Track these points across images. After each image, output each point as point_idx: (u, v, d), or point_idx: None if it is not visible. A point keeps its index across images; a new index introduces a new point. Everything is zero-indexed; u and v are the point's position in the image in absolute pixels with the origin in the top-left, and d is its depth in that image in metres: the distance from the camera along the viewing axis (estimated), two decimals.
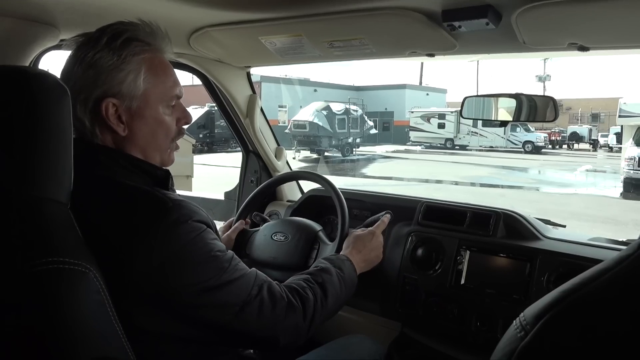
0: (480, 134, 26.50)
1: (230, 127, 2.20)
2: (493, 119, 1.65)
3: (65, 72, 0.99)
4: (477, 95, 1.71)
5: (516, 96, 1.58)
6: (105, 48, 0.96)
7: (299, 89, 29.62)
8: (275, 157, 2.23)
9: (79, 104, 0.95)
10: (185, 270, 0.91)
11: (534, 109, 1.56)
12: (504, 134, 25.57)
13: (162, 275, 0.88)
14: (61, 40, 1.43)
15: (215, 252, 0.96)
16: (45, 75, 0.81)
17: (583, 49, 1.29)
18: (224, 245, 1.00)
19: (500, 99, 1.62)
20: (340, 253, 1.41)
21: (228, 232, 1.64)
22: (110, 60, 0.96)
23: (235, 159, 2.42)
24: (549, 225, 1.69)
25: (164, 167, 1.08)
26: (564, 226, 1.77)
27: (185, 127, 1.13)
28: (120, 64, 0.96)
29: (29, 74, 0.80)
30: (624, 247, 0.60)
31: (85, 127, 0.97)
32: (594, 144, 28.89)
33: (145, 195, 0.94)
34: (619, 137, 20.23)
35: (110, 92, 0.96)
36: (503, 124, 1.65)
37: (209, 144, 22.07)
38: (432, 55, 1.52)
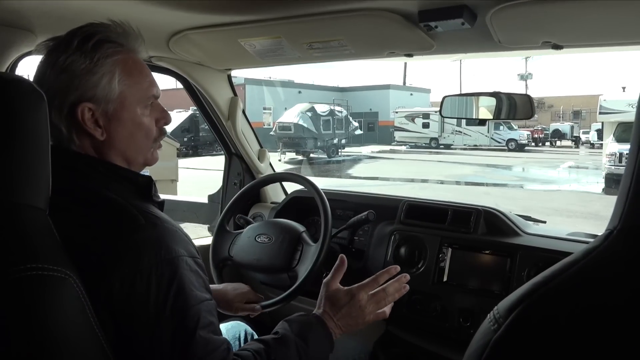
0: (464, 133, 26.62)
1: (212, 130, 2.19)
2: (474, 117, 1.66)
3: (38, 77, 0.96)
4: (457, 95, 1.72)
5: (495, 94, 1.59)
6: (77, 51, 0.93)
7: (283, 90, 29.53)
8: (258, 159, 2.23)
9: (54, 110, 0.91)
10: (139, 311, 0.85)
11: (513, 106, 1.58)
12: (488, 132, 25.72)
13: (124, 294, 0.84)
14: (38, 46, 1.42)
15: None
16: (21, 80, 0.80)
17: (557, 47, 1.32)
18: (200, 296, 0.89)
19: (480, 98, 1.64)
20: (315, 311, 1.17)
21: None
22: (82, 63, 0.93)
23: (220, 162, 2.41)
24: (529, 222, 1.71)
25: (148, 166, 1.06)
26: (544, 222, 1.80)
27: (166, 127, 1.10)
28: (93, 67, 0.93)
29: (4, 79, 0.80)
30: None
31: (62, 133, 0.95)
32: (576, 141, 29.17)
33: (118, 209, 0.91)
34: (600, 133, 20.43)
35: (85, 97, 0.93)
36: (482, 122, 1.67)
37: (193, 148, 21.89)
38: (410, 55, 1.53)
